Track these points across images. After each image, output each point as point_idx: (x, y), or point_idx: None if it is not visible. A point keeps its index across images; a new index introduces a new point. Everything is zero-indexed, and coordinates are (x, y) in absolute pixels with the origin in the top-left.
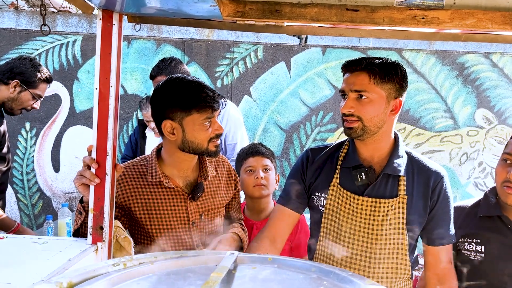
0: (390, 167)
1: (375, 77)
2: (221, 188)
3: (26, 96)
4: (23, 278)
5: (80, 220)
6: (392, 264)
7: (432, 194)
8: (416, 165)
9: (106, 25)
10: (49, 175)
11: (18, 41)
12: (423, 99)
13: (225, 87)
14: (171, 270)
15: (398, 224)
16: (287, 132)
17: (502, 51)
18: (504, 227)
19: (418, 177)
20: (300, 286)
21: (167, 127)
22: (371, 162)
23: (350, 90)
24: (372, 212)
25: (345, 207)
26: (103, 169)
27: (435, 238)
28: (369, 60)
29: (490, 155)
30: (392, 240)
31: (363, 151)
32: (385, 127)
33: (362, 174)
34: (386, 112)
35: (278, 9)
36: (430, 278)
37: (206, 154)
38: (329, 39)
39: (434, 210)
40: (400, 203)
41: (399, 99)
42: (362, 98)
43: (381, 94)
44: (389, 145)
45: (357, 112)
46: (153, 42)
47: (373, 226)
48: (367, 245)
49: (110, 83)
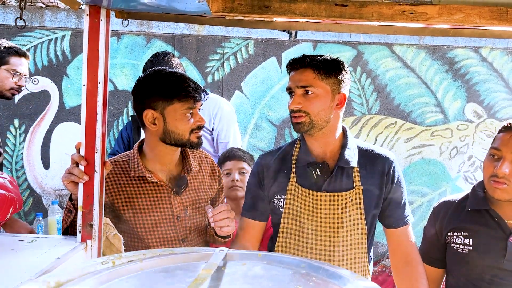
0: (342, 160)
1: (319, 72)
2: (205, 183)
3: (2, 74)
4: (11, 277)
5: (70, 219)
6: (354, 254)
7: (387, 179)
8: (367, 155)
9: (94, 21)
10: (39, 172)
11: (6, 37)
12: (413, 94)
13: (216, 82)
14: (160, 267)
15: (356, 215)
16: (278, 127)
17: (491, 46)
18: (492, 221)
19: (371, 166)
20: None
21: (148, 116)
22: (324, 158)
23: (297, 86)
24: (331, 206)
25: (304, 205)
26: (92, 166)
27: (394, 220)
28: (313, 57)
29: (479, 149)
30: (353, 232)
31: (315, 147)
32: (333, 121)
33: (317, 170)
34: (332, 106)
35: (267, 4)
36: (397, 261)
37: (188, 145)
38: (320, 34)
39: (390, 194)
40: (357, 194)
41: (343, 93)
42: (309, 94)
43: (326, 88)
44: (339, 139)
45: (305, 108)
46: (143, 38)
47: (333, 220)
48: (330, 239)
49: (98, 80)
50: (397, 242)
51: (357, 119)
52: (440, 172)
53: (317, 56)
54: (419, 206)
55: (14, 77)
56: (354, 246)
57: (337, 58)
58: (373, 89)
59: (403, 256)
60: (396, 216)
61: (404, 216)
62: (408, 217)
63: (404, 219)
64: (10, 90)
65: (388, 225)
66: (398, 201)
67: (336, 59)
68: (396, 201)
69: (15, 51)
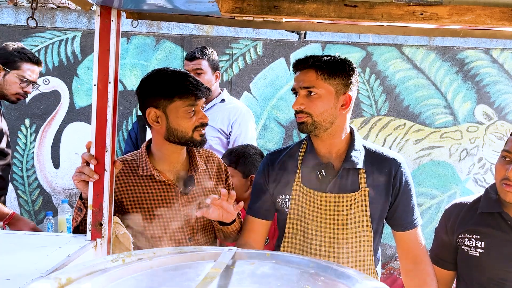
0: (348, 161)
1: (322, 73)
2: (212, 182)
3: (11, 78)
4: (22, 274)
5: (80, 217)
6: (360, 256)
7: (394, 182)
8: (374, 157)
9: (104, 22)
10: (49, 171)
11: (17, 38)
12: (423, 95)
13: (225, 83)
14: (169, 265)
15: (362, 217)
16: (286, 128)
17: (502, 47)
18: (505, 224)
19: (378, 168)
20: (298, 282)
21: (151, 115)
22: (330, 158)
23: (300, 87)
24: (336, 208)
25: (309, 205)
26: (102, 165)
27: (403, 223)
28: (317, 58)
29: (490, 151)
30: (358, 234)
31: (321, 148)
32: (338, 122)
33: (322, 171)
34: (336, 107)
35: (276, 5)
36: (406, 263)
37: (191, 143)
38: (329, 35)
39: (398, 197)
40: (362, 196)
41: (349, 94)
42: (311, 95)
43: (329, 89)
44: (346, 140)
45: (307, 109)
46: (152, 38)
47: (337, 221)
48: (334, 241)
49: (109, 80)
50: (406, 245)
51: (366, 120)
52: (450, 174)
53: (323, 56)
54: (428, 208)
55: (22, 83)
56: (359, 248)
57: (344, 58)
58: (382, 90)
59: (413, 258)
60: (404, 219)
61: (412, 220)
62: (417, 220)
63: (413, 222)
64: (16, 95)
65: (396, 228)
66: (406, 204)
67: (343, 59)
68: (404, 204)
69: (28, 58)
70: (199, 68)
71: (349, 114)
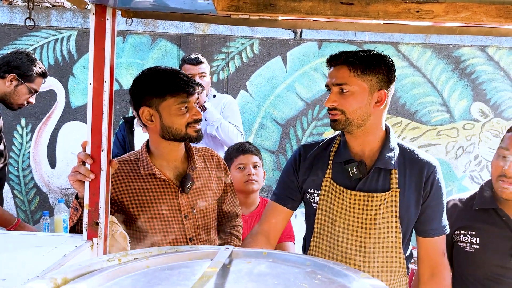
0: (381, 160)
1: (355, 69)
2: (211, 181)
3: (22, 90)
4: (18, 274)
5: (76, 217)
6: (387, 258)
7: (425, 186)
8: (408, 158)
9: (100, 20)
10: (45, 171)
11: (12, 37)
12: (419, 93)
13: (221, 81)
14: (166, 265)
15: (391, 218)
16: (283, 126)
17: (498, 44)
18: (499, 220)
19: (410, 169)
20: (295, 280)
21: (144, 114)
22: (363, 156)
23: (332, 84)
24: (365, 207)
25: (338, 202)
26: (98, 164)
27: (428, 229)
28: (350, 53)
29: (486, 149)
30: (386, 234)
31: (354, 145)
32: (372, 120)
33: (354, 169)
34: (370, 104)
35: (272, 3)
36: (424, 270)
37: (187, 139)
38: (325, 33)
39: (427, 201)
40: (392, 197)
41: (384, 91)
42: (344, 92)
43: (363, 86)
44: (380, 138)
45: (340, 106)
46: (148, 37)
47: (366, 220)
48: (361, 240)
49: (104, 79)
50: (426, 251)
51: None
52: (446, 171)
53: (357, 51)
54: None
55: (30, 94)
56: (387, 249)
57: (380, 53)
58: None
59: (431, 267)
60: (428, 225)
61: (439, 226)
62: (441, 228)
63: (439, 229)
64: (20, 105)
65: (421, 233)
66: (434, 210)
67: (379, 54)
68: (432, 210)
69: (42, 72)
70: (204, 72)
71: (385, 112)
